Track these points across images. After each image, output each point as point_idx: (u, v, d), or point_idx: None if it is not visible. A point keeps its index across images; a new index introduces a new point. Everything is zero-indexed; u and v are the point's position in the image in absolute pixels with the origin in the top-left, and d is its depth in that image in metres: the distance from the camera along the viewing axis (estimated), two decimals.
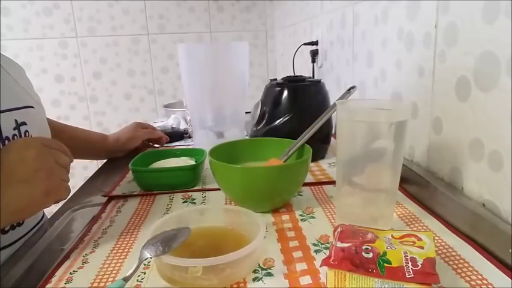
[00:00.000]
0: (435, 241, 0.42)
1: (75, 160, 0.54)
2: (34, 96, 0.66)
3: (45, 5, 1.92)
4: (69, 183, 0.52)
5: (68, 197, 0.69)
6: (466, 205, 0.50)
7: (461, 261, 0.42)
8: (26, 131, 0.58)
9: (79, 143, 0.89)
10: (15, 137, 0.56)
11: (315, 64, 1.28)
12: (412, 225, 0.51)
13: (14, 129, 0.56)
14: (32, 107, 0.62)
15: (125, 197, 0.67)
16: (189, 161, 0.73)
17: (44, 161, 0.47)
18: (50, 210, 0.70)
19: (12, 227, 0.56)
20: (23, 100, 0.61)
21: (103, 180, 0.78)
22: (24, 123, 0.58)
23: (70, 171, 0.52)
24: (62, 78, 2.01)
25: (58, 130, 0.78)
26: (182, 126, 1.15)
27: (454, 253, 0.44)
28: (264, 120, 0.82)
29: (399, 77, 0.72)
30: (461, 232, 0.48)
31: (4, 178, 0.45)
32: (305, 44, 1.29)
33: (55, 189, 0.48)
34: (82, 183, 0.78)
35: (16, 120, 0.57)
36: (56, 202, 0.50)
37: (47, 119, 0.70)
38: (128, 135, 0.94)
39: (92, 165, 2.00)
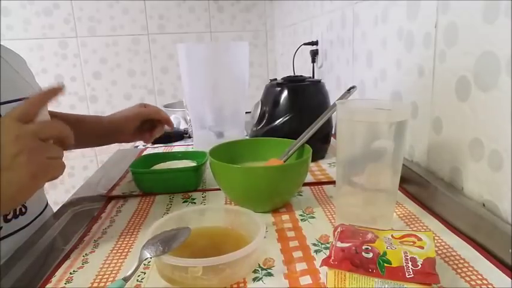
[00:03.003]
0: (435, 241, 0.42)
1: (75, 160, 0.52)
2: (35, 87, 0.65)
3: (45, 5, 1.92)
4: (65, 167, 0.47)
5: (68, 199, 0.69)
6: (466, 205, 0.50)
7: (461, 261, 0.42)
8: None
9: (71, 126, 0.80)
10: None
11: (315, 64, 1.28)
12: (412, 225, 0.51)
13: None
14: None
15: (125, 197, 0.67)
16: (190, 164, 0.73)
17: (22, 143, 0.43)
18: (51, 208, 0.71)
19: (15, 216, 0.56)
20: (25, 91, 0.60)
21: (103, 180, 0.78)
22: None
23: (70, 171, 0.50)
24: (62, 78, 2.01)
25: (52, 117, 0.76)
26: (182, 126, 1.15)
27: (454, 253, 0.44)
28: (264, 120, 0.82)
29: (399, 77, 0.72)
30: (461, 232, 0.48)
31: None
32: (305, 44, 1.29)
33: (42, 169, 0.44)
34: (82, 183, 0.78)
35: None
36: (51, 180, 0.47)
37: None
38: (124, 113, 0.81)
39: (92, 165, 2.00)
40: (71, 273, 0.44)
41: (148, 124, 0.81)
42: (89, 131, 0.81)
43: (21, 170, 0.43)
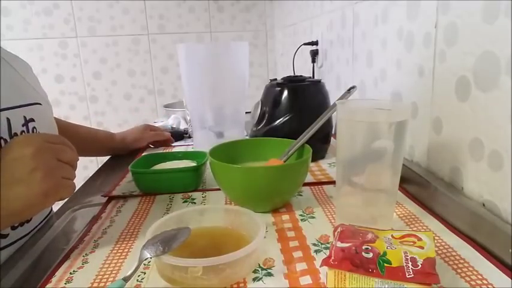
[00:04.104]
0: (435, 241, 0.42)
1: None
2: (41, 93, 0.65)
3: (45, 5, 1.92)
4: (75, 189, 0.49)
5: (68, 199, 0.69)
6: (466, 205, 0.50)
7: (461, 261, 0.42)
8: (34, 127, 0.58)
9: (85, 142, 0.90)
10: (23, 133, 0.55)
11: (315, 64, 1.28)
12: (412, 225, 0.51)
13: (23, 125, 0.56)
14: (40, 104, 0.62)
15: (125, 197, 0.67)
16: (190, 164, 0.72)
17: (42, 160, 0.44)
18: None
19: (21, 224, 0.56)
20: (31, 97, 0.60)
21: (103, 180, 0.78)
22: (32, 120, 0.58)
23: None
24: (62, 78, 2.01)
25: (63, 128, 0.77)
26: (182, 126, 1.15)
27: (454, 253, 0.44)
28: (264, 120, 0.82)
29: (399, 77, 0.72)
30: (461, 232, 0.48)
31: (2, 178, 0.43)
32: (305, 44, 1.29)
33: (54, 189, 0.46)
34: (82, 183, 0.78)
35: (25, 117, 0.56)
36: (59, 200, 0.49)
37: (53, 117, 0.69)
38: (134, 136, 0.98)
39: (92, 165, 1.99)
40: (71, 273, 0.44)
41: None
42: (100, 147, 0.95)
43: (34, 185, 0.44)
